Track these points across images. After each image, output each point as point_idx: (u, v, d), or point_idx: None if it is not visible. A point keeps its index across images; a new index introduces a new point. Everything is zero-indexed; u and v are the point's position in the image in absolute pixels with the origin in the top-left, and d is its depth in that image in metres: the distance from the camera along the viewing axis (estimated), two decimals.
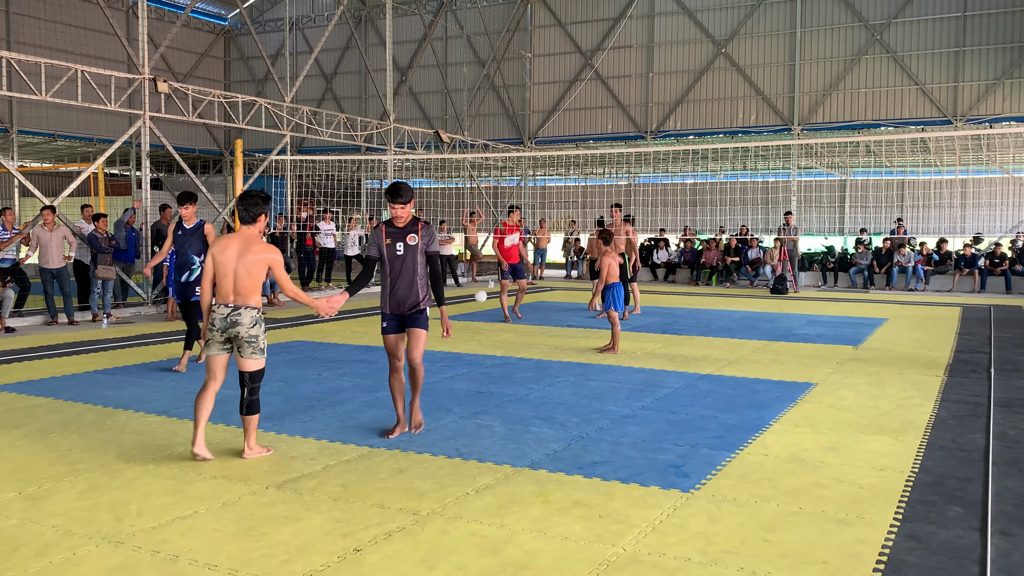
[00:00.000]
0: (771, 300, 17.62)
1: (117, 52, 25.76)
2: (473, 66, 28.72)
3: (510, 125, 28.54)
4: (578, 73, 27.19)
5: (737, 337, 11.51)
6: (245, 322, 5.42)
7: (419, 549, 4.04)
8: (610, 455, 5.65)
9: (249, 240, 5.52)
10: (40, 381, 8.18)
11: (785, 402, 7.34)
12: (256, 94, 28.33)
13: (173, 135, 17.73)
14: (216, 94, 17.18)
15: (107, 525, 4.31)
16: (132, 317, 13.66)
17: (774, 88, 24.66)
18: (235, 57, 33.61)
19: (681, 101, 25.75)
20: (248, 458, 5.50)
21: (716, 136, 25.55)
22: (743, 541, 4.17)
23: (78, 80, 14.38)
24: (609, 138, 26.92)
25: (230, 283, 5.44)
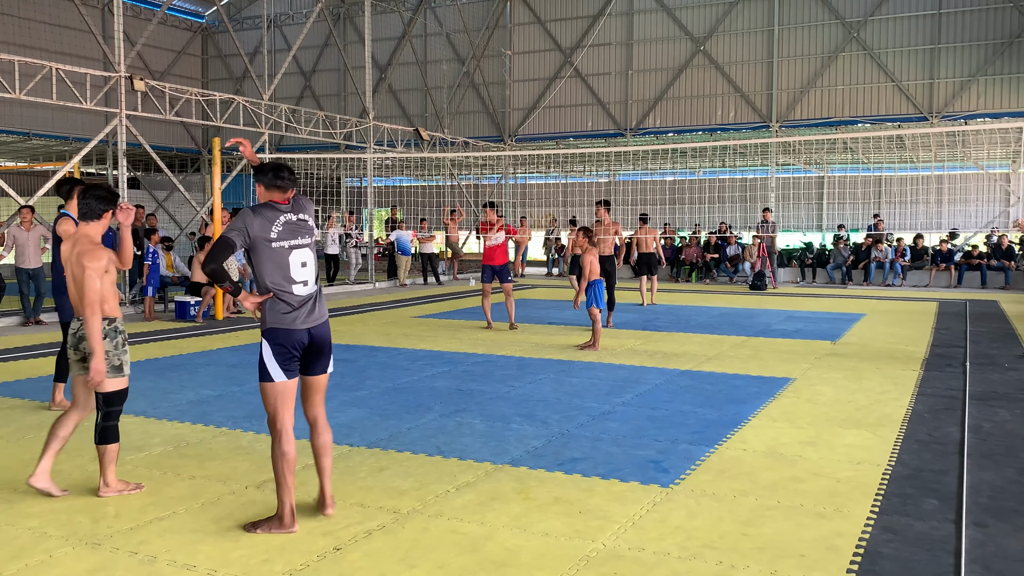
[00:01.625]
0: (750, 296, 17.73)
1: (93, 50, 25.49)
2: (453, 64, 28.68)
3: (490, 123, 28.53)
4: (558, 71, 27.22)
5: (716, 333, 11.57)
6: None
7: (399, 547, 4.03)
8: (590, 451, 5.67)
9: (78, 241, 4.72)
10: (16, 382, 8.10)
11: (764, 397, 7.39)
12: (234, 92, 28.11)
13: (150, 134, 17.59)
14: (193, 92, 17.05)
15: (84, 527, 4.27)
16: None
17: (752, 85, 24.79)
18: (213, 55, 33.37)
19: (660, 99, 25.84)
20: (104, 495, 4.68)
21: (695, 133, 25.66)
22: (722, 535, 4.20)
23: (53, 78, 14.23)
24: (589, 136, 26.97)
25: (72, 293, 4.75)
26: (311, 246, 4.36)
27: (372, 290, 19.60)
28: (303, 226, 4.35)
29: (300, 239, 4.31)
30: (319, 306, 4.37)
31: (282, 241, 4.26)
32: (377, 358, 9.54)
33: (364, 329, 12.23)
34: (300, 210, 4.38)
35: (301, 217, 4.36)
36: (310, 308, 4.30)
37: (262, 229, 4.22)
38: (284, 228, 4.28)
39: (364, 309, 15.21)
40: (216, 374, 8.53)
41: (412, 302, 16.61)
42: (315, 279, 4.39)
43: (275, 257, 4.23)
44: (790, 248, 23.26)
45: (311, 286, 4.33)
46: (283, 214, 4.30)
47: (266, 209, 4.29)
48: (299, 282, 4.26)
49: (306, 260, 4.31)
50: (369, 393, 7.58)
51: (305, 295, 4.29)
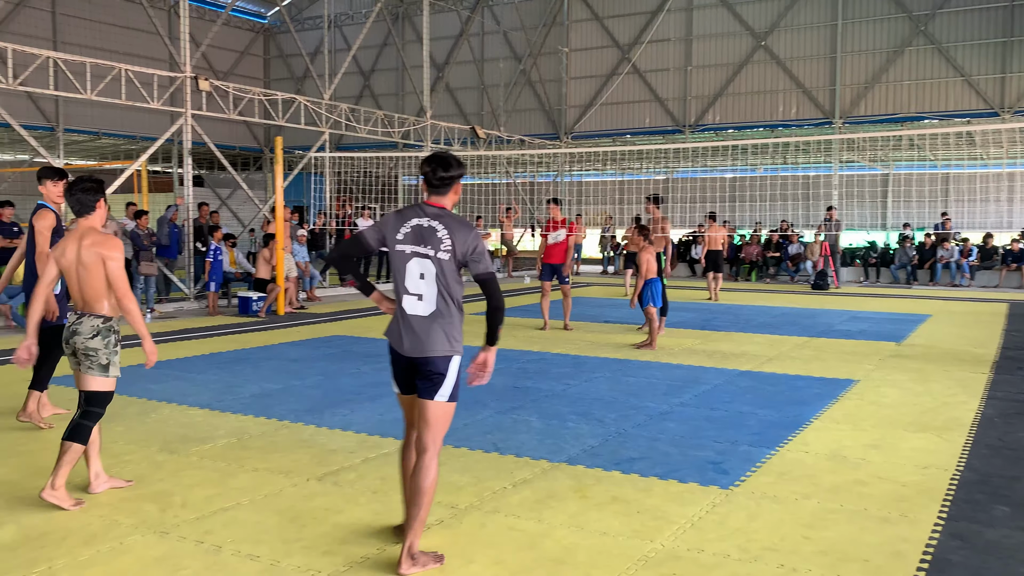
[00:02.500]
0: (812, 296, 17.41)
1: (159, 51, 26.17)
2: (509, 61, 28.71)
3: (546, 120, 28.49)
4: (615, 67, 27.05)
5: (777, 333, 11.38)
6: (83, 331, 4.64)
7: (457, 542, 4.06)
8: (648, 451, 5.63)
9: (85, 234, 4.71)
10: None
11: (826, 399, 7.25)
12: (295, 92, 28.58)
13: (214, 132, 17.97)
14: (256, 92, 17.38)
15: (152, 516, 4.39)
16: (174, 312, 13.89)
17: (815, 81, 24.31)
18: (274, 55, 33.96)
19: (720, 95, 25.51)
20: (48, 499, 4.42)
21: (756, 130, 25.26)
22: (783, 538, 4.13)
23: (122, 79, 14.64)
24: (646, 132, 26.75)
25: (76, 287, 4.71)
26: (434, 260, 3.79)
27: None
28: (431, 235, 3.81)
29: (424, 247, 3.81)
30: (424, 332, 3.81)
31: (405, 245, 3.84)
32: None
33: None
34: (440, 220, 3.84)
35: (433, 225, 3.82)
36: (412, 331, 3.82)
37: (393, 228, 3.87)
38: (412, 231, 3.84)
39: None
40: (278, 368, 8.69)
41: (466, 299, 16.64)
42: (434, 298, 3.82)
43: (395, 260, 3.87)
44: (853, 247, 22.76)
45: (427, 304, 3.82)
46: (420, 218, 3.85)
47: (410, 209, 3.91)
48: (413, 294, 3.84)
49: (424, 272, 3.81)
50: None
51: (415, 312, 3.83)
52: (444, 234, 3.79)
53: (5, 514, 4.40)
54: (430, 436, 3.84)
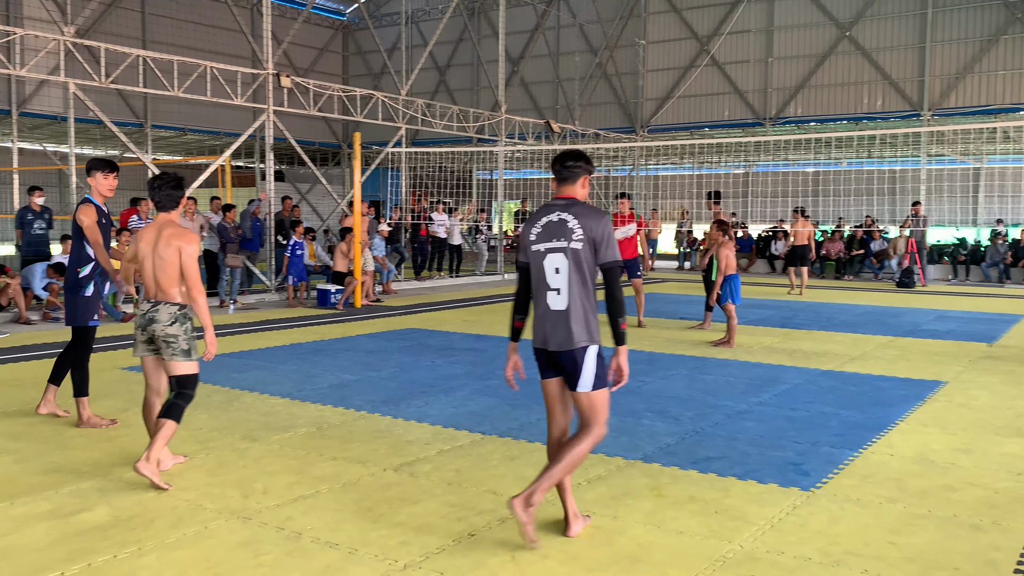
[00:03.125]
0: (897, 294, 16.86)
1: (243, 49, 26.85)
2: (585, 55, 28.54)
3: (622, 114, 28.25)
4: (693, 59, 26.64)
5: (860, 332, 11.06)
6: (162, 319, 4.87)
7: None
8: (726, 451, 5.53)
9: (164, 227, 4.95)
10: None
11: (912, 401, 7.01)
12: (373, 88, 29.00)
13: (294, 128, 18.35)
14: (335, 88, 17.69)
15: (235, 501, 4.51)
16: (256, 303, 14.26)
17: (902, 72, 23.48)
18: (353, 51, 34.50)
19: (802, 87, 24.87)
20: (142, 470, 4.59)
21: (839, 123, 24.56)
22: (867, 543, 4.01)
23: (207, 76, 15.07)
24: (725, 125, 26.28)
25: (150, 277, 4.93)
26: (567, 251, 3.87)
27: (501, 281, 19.81)
28: (562, 227, 3.89)
29: (556, 242, 3.89)
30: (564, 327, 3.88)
31: (539, 244, 3.94)
32: (506, 348, 9.61)
33: (493, 319, 12.37)
34: (569, 210, 3.93)
35: (563, 217, 3.91)
36: (553, 326, 3.90)
37: (526, 233, 4.00)
38: (543, 229, 3.94)
39: (493, 300, 15.39)
40: (355, 359, 8.83)
41: None
42: (568, 292, 3.88)
43: (534, 262, 3.96)
44: (941, 244, 21.94)
45: (564, 298, 3.88)
46: (549, 214, 3.96)
47: (540, 210, 4.02)
48: (552, 289, 3.91)
49: (559, 266, 3.88)
50: (500, 383, 7.66)
51: (556, 307, 3.90)
52: (575, 224, 3.87)
53: (98, 496, 4.57)
54: (591, 421, 3.94)
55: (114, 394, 7.09)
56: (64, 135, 23.88)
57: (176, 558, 3.77)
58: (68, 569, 3.65)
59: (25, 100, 23.48)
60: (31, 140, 26.34)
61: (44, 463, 5.16)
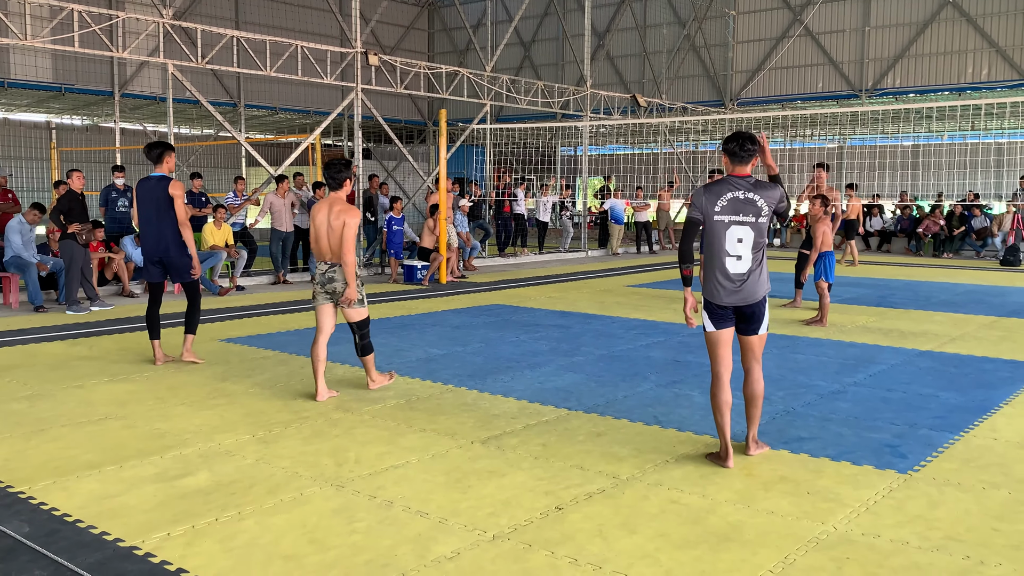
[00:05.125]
0: (1001, 272, 16.10)
1: (332, 28, 27.29)
2: (673, 27, 27.98)
3: (711, 86, 27.63)
4: (786, 30, 25.82)
5: (961, 312, 10.61)
6: (339, 278, 6.10)
7: (620, 512, 4.05)
8: (818, 431, 5.40)
9: (334, 203, 6.09)
10: (268, 335, 8.92)
11: (1017, 383, 6.70)
12: (458, 64, 29.10)
13: (381, 106, 18.60)
14: (422, 65, 17.82)
15: (329, 470, 4.64)
16: None
17: (1011, 39, 22.23)
18: (438, 28, 34.64)
19: (901, 56, 23.84)
20: (373, 388, 6.32)
21: (941, 93, 23.46)
22: (969, 528, 3.86)
23: (298, 56, 15.37)
24: (819, 98, 25.42)
25: (325, 243, 6.08)
26: (752, 225, 4.58)
27: (584, 258, 19.73)
28: (750, 205, 4.58)
29: (744, 216, 4.58)
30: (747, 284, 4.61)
31: (723, 216, 4.59)
32: (591, 325, 9.61)
33: (578, 296, 12.34)
34: (754, 190, 4.60)
35: (750, 196, 4.58)
36: (735, 284, 4.61)
37: (710, 204, 4.62)
38: (729, 203, 4.59)
39: (577, 277, 15.35)
40: (441, 334, 8.94)
41: (625, 271, 16.55)
42: (751, 257, 4.60)
43: (715, 229, 4.61)
44: None
45: (745, 262, 4.59)
46: (735, 191, 4.61)
47: (718, 185, 4.65)
48: (732, 256, 4.59)
49: (743, 237, 4.58)
50: (585, 359, 7.65)
51: (737, 270, 4.60)
52: (761, 202, 4.59)
53: (200, 462, 4.77)
54: (754, 359, 4.83)
55: (214, 364, 7.37)
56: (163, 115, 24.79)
57: (274, 523, 3.91)
58: (174, 530, 3.82)
59: (126, 82, 24.42)
60: (132, 120, 27.40)
61: (150, 429, 5.41)
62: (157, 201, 7.17)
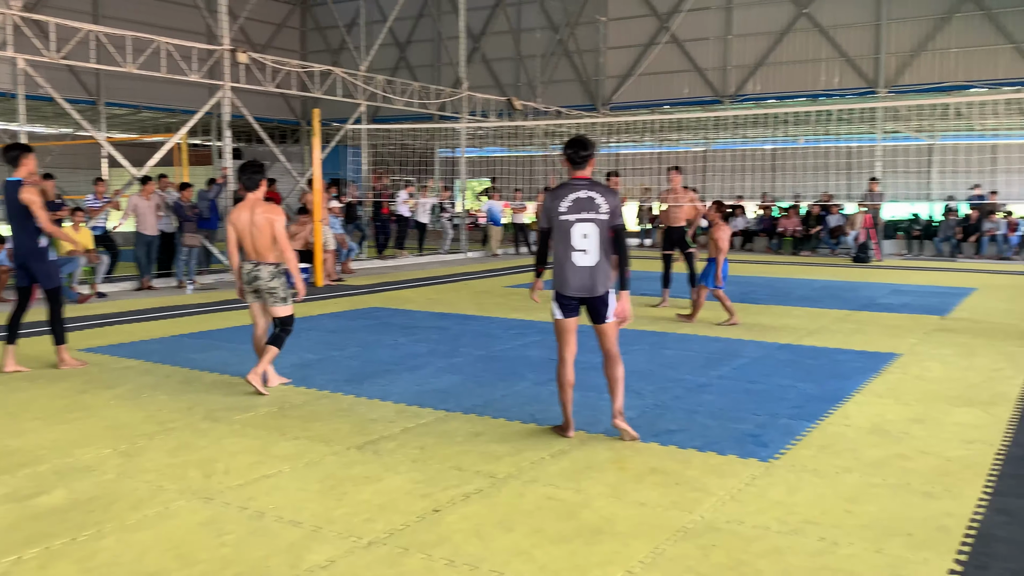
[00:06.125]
0: (853, 269, 17.15)
1: (198, 24, 26.28)
2: (546, 32, 28.41)
3: (583, 91, 28.21)
4: (653, 37, 26.65)
5: (817, 306, 11.24)
6: (264, 276, 6.33)
7: (496, 511, 4.08)
8: (686, 423, 5.61)
9: (255, 205, 6.31)
10: (131, 344, 8.51)
11: (868, 372, 7.15)
12: (332, 64, 28.59)
13: (252, 105, 18.02)
14: (293, 64, 17.42)
15: (197, 482, 4.48)
16: (215, 283, 14.08)
17: (858, 49, 23.72)
18: (311, 27, 33.96)
19: (760, 64, 25.03)
20: (250, 379, 6.30)
21: (797, 100, 24.77)
22: (824, 511, 4.10)
23: (161, 52, 14.74)
24: (685, 103, 26.36)
25: (249, 244, 6.31)
26: (595, 221, 4.99)
27: (464, 259, 19.79)
28: (591, 203, 5.00)
29: (587, 214, 5.00)
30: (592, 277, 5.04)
31: (569, 215, 5.01)
32: (470, 326, 9.64)
33: (457, 297, 12.36)
34: (594, 189, 5.03)
35: (591, 195, 5.01)
36: (582, 276, 5.04)
37: (554, 204, 5.05)
38: (574, 203, 5.01)
39: (456, 278, 15.38)
40: (317, 339, 8.77)
41: (504, 272, 16.70)
42: (596, 252, 5.02)
43: (561, 227, 5.03)
44: (896, 219, 22.33)
45: (591, 256, 5.01)
46: (577, 191, 5.03)
47: (562, 188, 5.08)
48: (579, 251, 5.01)
49: (587, 232, 4.99)
50: (464, 360, 7.67)
51: (583, 264, 5.02)
52: (601, 200, 5.02)
53: (56, 479, 4.51)
54: (610, 343, 5.26)
55: (72, 375, 6.99)
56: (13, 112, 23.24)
57: (137, 539, 3.74)
58: (26, 552, 3.60)
59: None
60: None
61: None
62: (14, 206, 7.01)
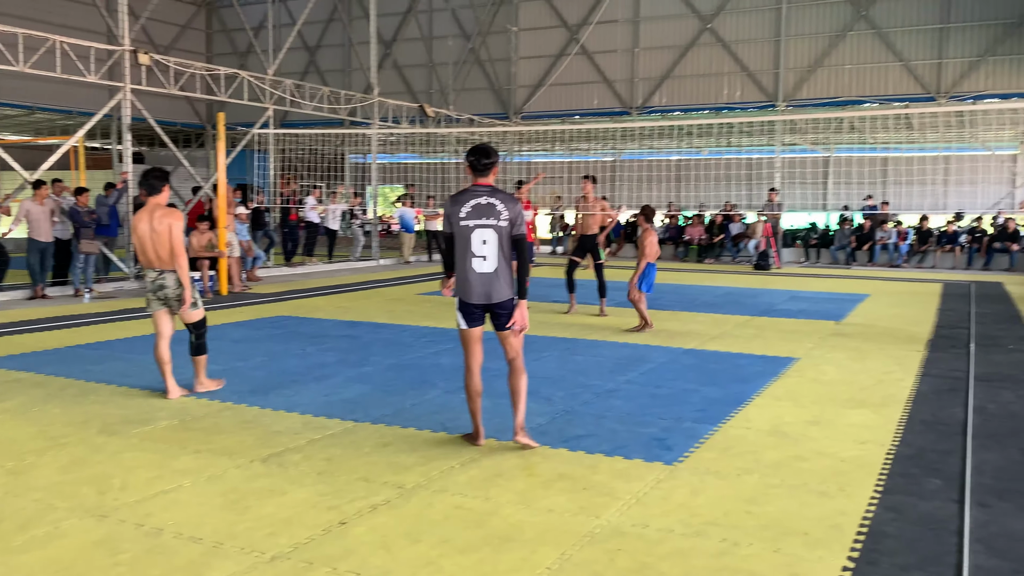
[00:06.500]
0: (754, 276, 17.71)
1: (97, 23, 25.28)
2: (458, 40, 28.45)
3: (496, 100, 28.35)
4: (564, 48, 27.00)
5: (721, 312, 11.56)
6: (170, 284, 6.25)
7: (404, 522, 4.05)
8: (595, 428, 5.68)
9: (155, 209, 6.22)
10: (22, 356, 8.12)
11: (767, 376, 7.39)
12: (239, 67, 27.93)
13: (154, 108, 17.45)
14: (198, 66, 16.97)
15: (90, 499, 4.30)
16: (114, 292, 13.57)
17: (759, 64, 24.58)
18: (217, 29, 33.13)
19: (667, 77, 25.64)
20: (199, 391, 6.36)
21: (701, 112, 25.48)
22: (725, 513, 4.21)
23: (57, 51, 14.14)
24: (595, 114, 26.78)
25: (151, 251, 6.20)
26: (495, 228, 4.94)
27: (376, 267, 19.60)
28: (491, 209, 4.95)
29: (486, 220, 4.94)
30: (493, 284, 4.98)
31: (468, 220, 4.96)
32: (381, 335, 9.55)
33: (368, 305, 12.23)
34: (494, 196, 4.98)
35: (491, 201, 4.97)
36: (483, 283, 4.98)
37: (455, 210, 4.99)
38: (473, 209, 4.96)
39: (368, 286, 15.21)
40: (221, 349, 8.52)
41: (416, 279, 16.61)
42: (496, 258, 4.96)
43: (461, 233, 4.97)
44: (795, 228, 23.17)
45: (491, 263, 4.95)
46: (477, 198, 4.99)
47: (463, 194, 5.02)
48: (479, 257, 4.96)
49: (487, 239, 4.94)
50: (374, 369, 7.59)
51: (483, 270, 4.96)
52: (501, 207, 4.97)
53: None
54: (514, 351, 5.18)
55: None
56: None
57: (23, 562, 3.56)
58: None
59: None
60: None
61: None
62: None
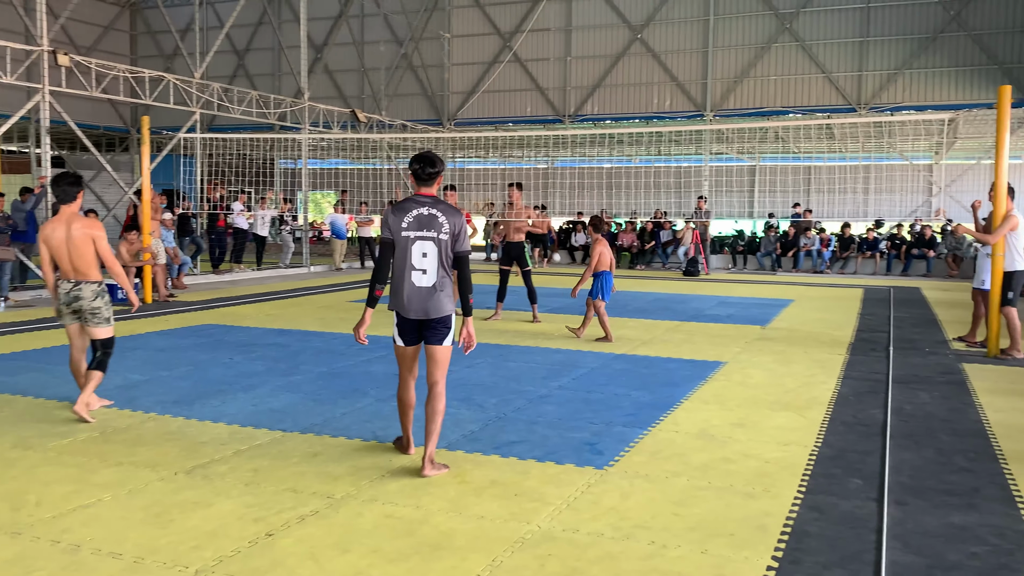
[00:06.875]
0: (683, 282, 18.01)
1: (14, 23, 24.43)
2: (391, 45, 28.32)
3: (429, 106, 28.29)
4: (497, 55, 27.12)
5: (651, 318, 11.72)
6: (86, 296, 5.94)
7: (333, 532, 4.00)
8: (527, 434, 5.70)
9: (72, 219, 5.92)
10: None
11: (696, 380, 7.52)
12: (164, 70, 27.29)
13: (76, 111, 16.95)
14: (121, 69, 16.52)
15: (3, 516, 4.13)
16: (31, 300, 13.08)
17: (688, 74, 25.07)
18: (142, 31, 32.34)
19: (598, 86, 25.96)
20: (78, 407, 5.82)
21: (632, 121, 25.86)
22: (654, 515, 4.26)
23: None
24: (528, 121, 26.95)
25: (67, 262, 5.91)
26: (435, 240, 4.74)
27: (307, 274, 19.33)
28: (433, 221, 4.75)
29: (427, 232, 4.74)
30: (430, 298, 4.78)
31: (409, 232, 4.74)
32: (312, 343, 9.42)
33: (298, 313, 12.05)
34: (436, 207, 4.78)
35: (433, 212, 4.76)
36: (420, 297, 4.78)
37: (396, 220, 4.77)
38: (415, 219, 4.75)
39: (298, 293, 14.99)
40: (144, 358, 8.31)
41: (348, 286, 16.43)
42: (435, 272, 4.76)
43: (401, 244, 4.75)
44: (722, 235, 23.68)
45: (430, 277, 4.76)
46: (420, 208, 4.78)
47: (406, 203, 4.81)
48: (418, 270, 4.75)
49: (427, 251, 4.74)
50: (304, 378, 7.48)
51: (421, 284, 4.76)
52: (443, 220, 4.78)
53: None
54: (440, 372, 4.94)
55: None
56: None
57: None
58: None
59: None
60: None
61: None
62: None
